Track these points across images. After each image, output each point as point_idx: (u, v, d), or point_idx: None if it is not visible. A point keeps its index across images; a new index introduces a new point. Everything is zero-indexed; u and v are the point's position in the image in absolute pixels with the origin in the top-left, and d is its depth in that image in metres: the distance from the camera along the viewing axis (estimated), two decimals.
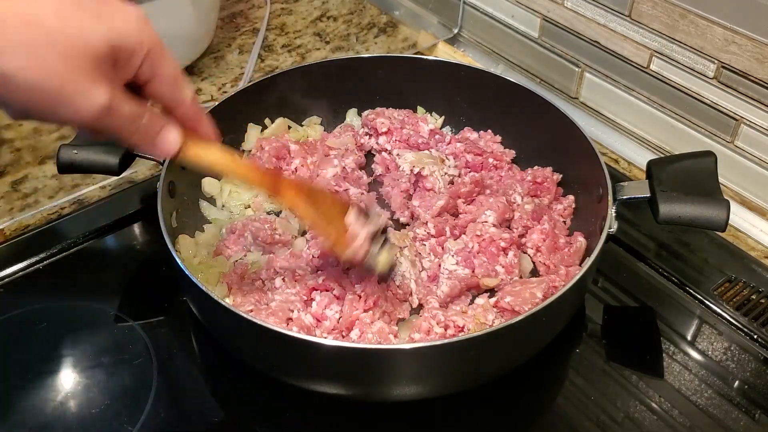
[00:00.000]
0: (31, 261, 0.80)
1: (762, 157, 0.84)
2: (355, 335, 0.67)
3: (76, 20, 0.44)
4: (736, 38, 0.79)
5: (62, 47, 0.43)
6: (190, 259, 0.75)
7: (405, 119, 0.90)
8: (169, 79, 0.51)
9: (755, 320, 0.75)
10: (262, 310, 0.67)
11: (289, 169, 0.83)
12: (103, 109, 0.46)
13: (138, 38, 0.47)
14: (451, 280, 0.71)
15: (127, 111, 0.48)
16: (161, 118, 0.52)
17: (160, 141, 0.52)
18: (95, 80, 0.45)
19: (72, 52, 0.44)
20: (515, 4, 1.04)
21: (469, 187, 0.81)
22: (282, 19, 1.22)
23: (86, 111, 0.46)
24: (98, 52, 0.45)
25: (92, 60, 0.45)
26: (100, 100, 0.46)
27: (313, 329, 0.67)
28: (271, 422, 0.66)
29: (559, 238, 0.77)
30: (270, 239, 0.76)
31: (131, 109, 0.48)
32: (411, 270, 0.73)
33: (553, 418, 0.68)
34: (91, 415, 0.65)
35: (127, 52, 0.47)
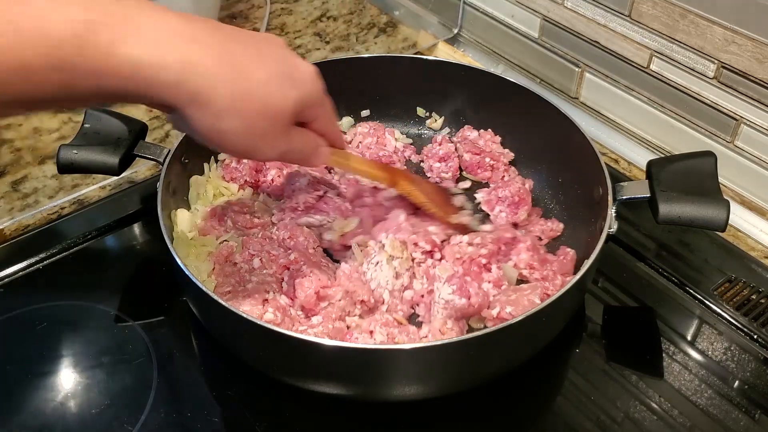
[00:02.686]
0: (31, 261, 0.80)
1: (762, 157, 0.84)
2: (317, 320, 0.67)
3: (279, 89, 0.54)
4: (736, 38, 0.79)
5: (268, 114, 0.54)
6: (185, 234, 0.76)
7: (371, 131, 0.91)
8: (327, 120, 0.62)
9: (755, 320, 0.75)
10: (239, 293, 0.68)
11: (266, 180, 0.84)
12: (281, 154, 0.58)
13: (317, 95, 0.58)
14: (447, 310, 0.68)
15: (297, 147, 0.59)
16: (316, 139, 0.62)
17: (317, 159, 0.63)
18: (283, 134, 0.56)
19: (272, 116, 0.54)
20: (515, 4, 1.04)
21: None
22: (282, 19, 1.22)
23: (270, 156, 0.57)
24: (290, 113, 0.55)
25: (285, 120, 0.56)
26: (281, 149, 0.57)
27: (288, 309, 0.68)
28: (271, 422, 0.66)
29: (540, 249, 0.77)
30: (249, 224, 0.78)
31: (299, 144, 0.60)
32: (392, 281, 0.72)
33: (553, 418, 0.68)
34: (91, 415, 0.65)
35: (307, 107, 0.57)
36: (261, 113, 0.53)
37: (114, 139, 0.75)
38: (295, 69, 0.56)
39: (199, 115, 0.51)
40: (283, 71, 0.55)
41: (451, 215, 0.79)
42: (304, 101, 0.56)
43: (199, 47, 0.50)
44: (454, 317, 0.68)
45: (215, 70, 0.50)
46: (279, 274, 0.71)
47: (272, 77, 0.53)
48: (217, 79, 0.50)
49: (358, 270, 0.72)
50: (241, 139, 0.54)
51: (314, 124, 0.61)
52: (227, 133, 0.53)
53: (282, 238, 0.76)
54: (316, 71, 0.58)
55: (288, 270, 0.71)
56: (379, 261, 0.72)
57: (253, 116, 0.53)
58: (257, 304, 0.67)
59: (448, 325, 0.66)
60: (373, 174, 0.75)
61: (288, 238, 0.75)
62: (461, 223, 0.79)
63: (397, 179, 0.77)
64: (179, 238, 0.75)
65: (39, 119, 0.98)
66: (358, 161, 0.74)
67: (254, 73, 0.52)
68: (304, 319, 0.68)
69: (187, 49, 0.49)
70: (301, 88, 0.56)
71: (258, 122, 0.53)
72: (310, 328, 0.65)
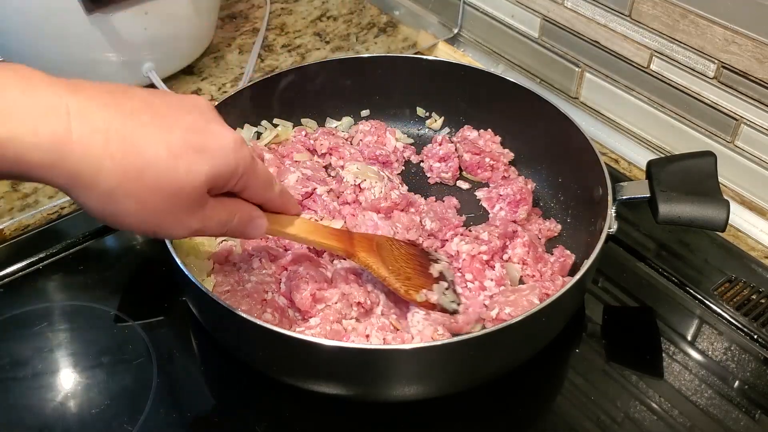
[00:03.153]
0: (31, 261, 0.80)
1: (762, 157, 0.84)
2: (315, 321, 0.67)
3: (183, 162, 0.47)
4: (736, 38, 0.79)
5: (168, 192, 0.47)
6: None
7: (372, 130, 0.91)
8: (260, 188, 0.55)
9: (755, 320, 0.75)
10: (238, 292, 0.68)
11: None
12: (195, 231, 0.51)
13: (234, 166, 0.51)
14: (427, 321, 0.68)
15: (217, 220, 0.53)
16: (249, 210, 0.56)
17: (249, 232, 0.57)
18: (193, 211, 0.50)
19: (175, 195, 0.48)
20: (515, 4, 1.04)
21: (389, 203, 0.80)
22: (282, 19, 1.22)
23: (180, 235, 0.51)
24: (199, 191, 0.49)
25: (193, 197, 0.49)
26: (193, 227, 0.51)
27: (287, 310, 0.68)
28: (271, 422, 0.66)
29: (538, 247, 0.77)
30: None
31: (222, 218, 0.53)
32: None
33: (553, 418, 0.68)
34: (91, 415, 0.65)
35: (224, 180, 0.51)
36: (159, 192, 0.47)
37: None
38: (209, 138, 0.49)
39: (86, 197, 0.46)
40: (189, 142, 0.48)
41: (419, 292, 0.68)
42: (220, 175, 0.50)
43: (81, 122, 0.44)
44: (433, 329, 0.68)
45: (98, 148, 0.44)
46: (278, 275, 0.71)
47: (174, 150, 0.47)
48: (100, 158, 0.44)
49: (355, 272, 0.72)
50: (142, 220, 0.48)
51: (245, 194, 0.55)
52: (122, 215, 0.47)
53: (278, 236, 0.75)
54: (238, 139, 0.51)
55: (286, 271, 0.71)
56: None
57: (150, 196, 0.47)
58: (256, 304, 0.67)
59: (439, 331, 0.66)
60: (324, 244, 0.66)
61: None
62: (428, 301, 0.68)
63: (354, 250, 0.67)
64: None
65: None
66: (307, 229, 0.64)
67: (150, 147, 0.46)
68: (302, 321, 0.68)
69: (65, 124, 0.43)
70: (215, 161, 0.49)
71: (157, 202, 0.47)
72: (307, 329, 0.65)
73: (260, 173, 0.55)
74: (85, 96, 0.45)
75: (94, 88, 0.47)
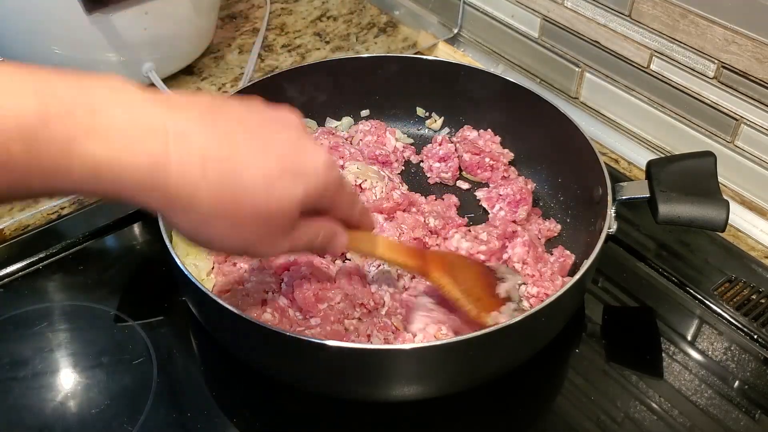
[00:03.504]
0: (31, 261, 0.80)
1: (762, 157, 0.84)
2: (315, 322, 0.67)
3: (279, 186, 0.46)
4: (737, 38, 0.79)
5: (262, 216, 0.46)
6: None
7: (372, 129, 0.91)
8: (346, 207, 0.55)
9: (755, 320, 0.75)
10: (238, 292, 0.68)
11: None
12: (284, 251, 0.51)
13: (325, 187, 0.50)
14: (426, 318, 0.68)
15: (304, 242, 0.52)
16: (332, 227, 0.55)
17: (330, 249, 0.56)
18: (285, 233, 0.49)
19: (270, 219, 0.47)
20: (515, 4, 1.04)
21: (392, 203, 0.80)
22: (282, 19, 1.22)
23: (270, 254, 0.52)
24: (293, 213, 0.48)
25: (286, 221, 0.48)
26: (284, 248, 0.50)
27: (287, 310, 0.68)
28: (271, 422, 0.66)
29: (538, 247, 0.77)
30: None
31: (309, 238, 0.52)
32: (393, 282, 0.71)
33: (553, 418, 0.68)
34: (91, 415, 0.65)
35: (315, 201, 0.50)
36: (256, 218, 0.46)
37: None
38: (303, 159, 0.48)
39: (181, 220, 0.45)
40: (286, 166, 0.47)
41: (489, 314, 0.67)
42: (313, 196, 0.49)
43: (179, 143, 0.42)
44: (431, 326, 0.68)
45: (196, 172, 0.43)
46: (279, 275, 0.71)
47: (271, 176, 0.46)
48: (198, 182, 0.43)
49: (359, 272, 0.72)
50: (234, 243, 0.47)
51: (331, 213, 0.54)
52: (216, 237, 0.47)
53: None
54: (329, 160, 0.50)
55: (288, 271, 0.71)
56: (381, 263, 0.72)
57: (247, 222, 0.46)
58: (256, 304, 0.67)
59: (443, 330, 0.66)
60: (401, 263, 0.65)
61: None
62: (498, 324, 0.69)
63: (428, 269, 0.66)
64: (178, 237, 0.75)
65: None
66: (385, 247, 0.63)
67: (248, 171, 0.45)
68: (302, 321, 0.68)
69: (163, 145, 0.42)
70: (309, 184, 0.48)
71: (253, 226, 0.46)
72: (308, 329, 0.65)
73: (347, 192, 0.54)
74: (183, 116, 0.44)
75: (190, 105, 0.45)
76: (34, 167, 0.39)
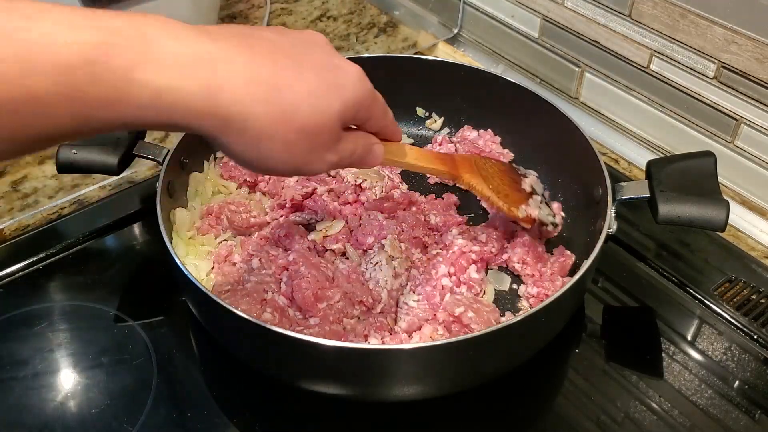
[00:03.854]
0: (31, 261, 0.80)
1: (762, 157, 0.84)
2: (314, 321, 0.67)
3: (321, 102, 0.49)
4: (736, 38, 0.79)
5: (310, 130, 0.49)
6: (184, 233, 0.76)
7: None
8: (380, 117, 0.57)
9: (755, 320, 0.75)
10: (237, 292, 0.68)
11: (263, 178, 0.84)
12: (332, 165, 0.53)
13: (363, 97, 0.53)
14: (409, 316, 0.69)
15: (348, 153, 0.54)
16: (368, 139, 0.58)
17: (369, 160, 0.58)
18: (331, 146, 0.52)
19: (317, 133, 0.50)
20: (515, 4, 1.04)
21: (392, 203, 0.80)
22: (282, 19, 1.22)
23: (320, 170, 0.53)
24: (337, 124, 0.51)
25: (332, 132, 0.51)
26: (331, 161, 0.53)
27: (287, 310, 0.68)
28: (271, 422, 0.66)
29: (538, 247, 0.77)
30: (245, 223, 0.78)
31: (351, 150, 0.55)
32: (391, 280, 0.71)
33: (553, 418, 0.68)
34: (91, 415, 0.65)
35: (354, 112, 0.52)
36: (304, 132, 0.49)
37: (113, 138, 0.75)
38: (338, 74, 0.51)
39: (235, 142, 0.47)
40: (324, 80, 0.50)
41: (519, 206, 0.72)
42: (351, 108, 0.52)
43: (227, 68, 0.45)
44: (416, 324, 0.68)
45: (246, 93, 0.46)
46: (278, 275, 0.71)
47: (312, 90, 0.49)
48: (249, 103, 0.46)
49: (356, 270, 0.72)
50: (286, 160, 0.50)
51: (367, 124, 0.57)
52: (269, 157, 0.49)
53: (278, 237, 0.75)
54: (361, 72, 0.53)
55: (287, 270, 0.71)
56: (379, 261, 0.72)
57: (296, 136, 0.48)
58: (255, 303, 0.67)
59: (440, 331, 0.66)
60: (432, 169, 0.69)
61: (284, 236, 0.75)
62: (529, 216, 0.73)
63: (459, 172, 0.70)
64: (178, 237, 0.75)
65: None
66: (415, 155, 0.66)
67: (292, 89, 0.48)
68: (302, 320, 0.68)
69: (214, 71, 0.45)
70: (347, 95, 0.51)
71: (302, 141, 0.49)
72: (306, 329, 0.65)
73: (380, 101, 0.57)
74: (225, 44, 0.46)
75: (228, 33, 0.48)
76: (98, 96, 0.41)
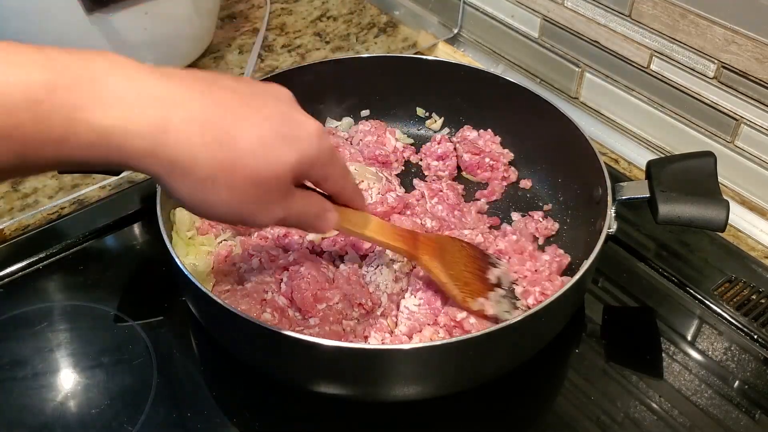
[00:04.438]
0: (31, 261, 0.80)
1: (762, 157, 0.84)
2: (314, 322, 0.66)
3: (274, 152, 0.48)
4: (737, 38, 0.79)
5: (259, 181, 0.48)
6: (184, 233, 0.76)
7: (372, 130, 0.91)
8: (338, 178, 0.56)
9: (755, 320, 0.75)
10: (237, 292, 0.68)
11: None
12: (279, 220, 0.52)
13: (318, 156, 0.51)
14: (410, 321, 0.68)
15: (297, 211, 0.53)
16: (322, 204, 0.57)
17: (322, 225, 0.57)
18: (280, 200, 0.51)
19: (265, 184, 0.49)
20: (515, 4, 1.04)
21: (386, 207, 0.79)
22: (282, 19, 1.22)
23: (265, 222, 0.52)
24: (287, 178, 0.50)
25: (281, 186, 0.50)
26: (279, 215, 0.52)
27: (287, 310, 0.67)
28: (271, 422, 0.66)
29: (526, 246, 0.76)
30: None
31: (301, 209, 0.54)
32: (391, 284, 0.71)
33: (553, 418, 0.68)
34: (91, 415, 0.65)
35: (307, 169, 0.51)
36: (252, 181, 0.48)
37: None
38: (295, 127, 0.50)
39: (180, 185, 0.47)
40: (279, 132, 0.49)
41: (477, 299, 0.67)
42: (306, 163, 0.50)
43: (177, 111, 0.45)
44: (417, 328, 0.67)
45: (195, 137, 0.45)
46: (278, 275, 0.71)
47: (265, 139, 0.48)
48: (196, 146, 0.45)
49: (357, 272, 0.72)
50: (231, 208, 0.49)
51: (324, 185, 0.56)
52: (214, 203, 0.48)
53: (276, 236, 0.75)
54: (321, 128, 0.52)
55: (287, 271, 0.71)
56: (380, 264, 0.72)
57: (243, 185, 0.48)
58: (255, 304, 0.67)
59: (440, 334, 0.66)
60: (390, 245, 0.65)
61: (282, 236, 0.75)
62: (483, 311, 0.67)
63: (418, 253, 0.66)
64: (178, 237, 0.75)
65: None
66: (375, 228, 0.63)
67: (243, 137, 0.47)
68: (301, 321, 0.68)
69: (163, 113, 0.44)
70: (302, 150, 0.50)
71: (249, 191, 0.48)
72: (306, 329, 0.65)
73: (339, 163, 0.56)
74: (180, 84, 0.46)
75: (186, 76, 0.47)
76: (43, 136, 0.41)
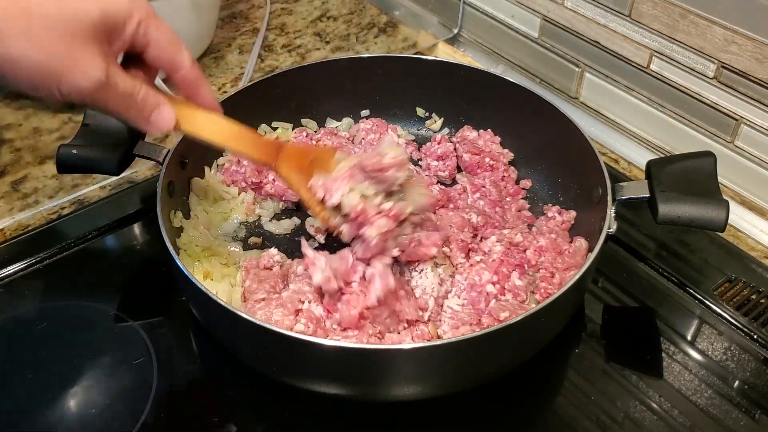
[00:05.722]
0: (31, 261, 0.80)
1: (762, 157, 0.84)
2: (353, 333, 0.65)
3: (72, 2, 0.47)
4: (736, 38, 0.79)
5: (60, 29, 0.46)
6: (192, 245, 0.75)
7: (374, 128, 0.91)
8: (164, 43, 0.54)
9: (755, 320, 0.75)
10: (273, 300, 0.67)
11: (267, 179, 0.83)
12: (99, 83, 0.49)
13: (128, 8, 0.50)
14: (453, 320, 0.68)
15: (122, 86, 0.51)
16: (156, 95, 0.54)
17: (155, 118, 0.54)
18: (92, 56, 0.48)
19: (69, 32, 0.47)
20: (515, 4, 1.04)
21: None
22: (282, 19, 1.22)
23: (84, 85, 0.49)
24: (93, 28, 0.48)
25: (88, 36, 0.48)
26: (96, 74, 0.49)
27: (323, 321, 0.66)
28: (271, 422, 0.66)
29: (562, 245, 0.75)
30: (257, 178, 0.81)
31: (126, 84, 0.51)
32: (437, 287, 0.69)
33: (553, 418, 0.68)
34: (91, 415, 0.65)
35: (120, 23, 0.50)
36: (51, 30, 0.46)
37: (113, 138, 0.75)
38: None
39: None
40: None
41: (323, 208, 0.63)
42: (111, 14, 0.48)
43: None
44: (460, 327, 0.67)
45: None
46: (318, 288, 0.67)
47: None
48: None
49: (401, 282, 0.69)
50: (38, 62, 0.46)
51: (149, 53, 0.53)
52: (17, 58, 0.46)
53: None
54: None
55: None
56: (424, 268, 0.71)
57: (42, 33, 0.46)
58: (289, 314, 0.64)
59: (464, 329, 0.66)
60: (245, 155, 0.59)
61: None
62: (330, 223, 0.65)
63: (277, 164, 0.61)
64: (186, 248, 0.75)
65: (39, 119, 0.98)
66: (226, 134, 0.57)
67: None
68: (340, 332, 0.65)
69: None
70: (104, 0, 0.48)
71: (51, 41, 0.46)
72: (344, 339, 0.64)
73: (163, 28, 0.54)
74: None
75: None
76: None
